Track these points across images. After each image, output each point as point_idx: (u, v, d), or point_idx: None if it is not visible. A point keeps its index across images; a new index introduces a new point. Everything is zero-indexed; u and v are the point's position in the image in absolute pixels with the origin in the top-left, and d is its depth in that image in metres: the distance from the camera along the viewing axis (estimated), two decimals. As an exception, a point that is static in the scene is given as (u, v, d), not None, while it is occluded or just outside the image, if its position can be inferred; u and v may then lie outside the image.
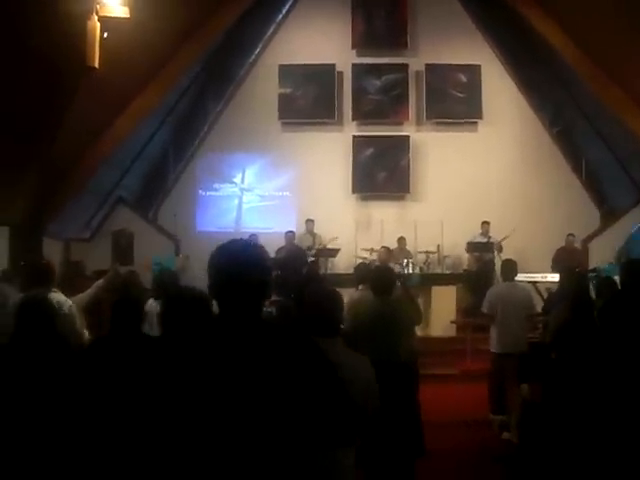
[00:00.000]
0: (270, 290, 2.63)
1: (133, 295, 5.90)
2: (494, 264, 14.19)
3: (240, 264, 2.54)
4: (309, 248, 14.57)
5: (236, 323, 2.49)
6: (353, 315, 6.74)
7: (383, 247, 13.49)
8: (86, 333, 6.09)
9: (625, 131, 14.25)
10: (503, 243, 14.34)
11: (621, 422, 4.03)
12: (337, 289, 4.03)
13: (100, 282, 7.27)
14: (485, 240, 14.69)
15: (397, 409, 6.25)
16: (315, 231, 15.34)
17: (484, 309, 9.03)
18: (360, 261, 12.67)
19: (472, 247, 14.78)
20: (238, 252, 2.60)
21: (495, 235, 14.64)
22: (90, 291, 7.04)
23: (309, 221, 15.43)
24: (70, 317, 5.92)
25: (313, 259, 14.23)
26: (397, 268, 13.13)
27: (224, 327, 2.51)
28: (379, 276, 7.00)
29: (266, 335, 2.50)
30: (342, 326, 7.56)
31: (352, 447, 3.55)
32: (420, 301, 12.36)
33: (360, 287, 7.97)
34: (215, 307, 2.66)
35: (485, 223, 14.83)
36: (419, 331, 8.35)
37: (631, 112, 13.89)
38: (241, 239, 2.69)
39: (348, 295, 10.28)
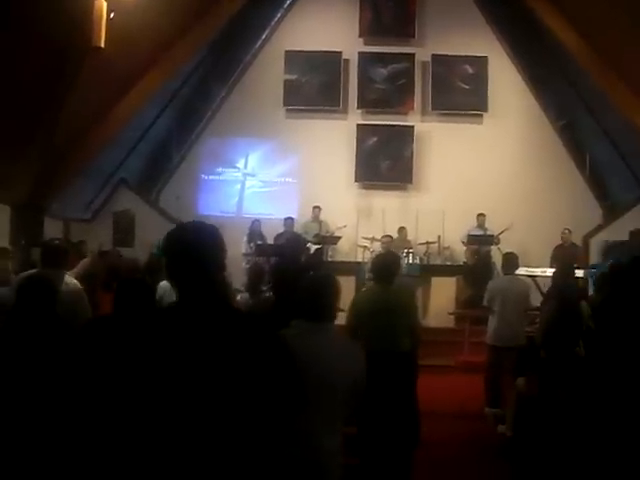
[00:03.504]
0: (223, 271, 2.67)
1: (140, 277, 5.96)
2: (491, 257, 14.19)
3: (191, 242, 2.58)
4: (316, 235, 14.42)
5: (190, 303, 2.51)
6: (353, 303, 6.69)
7: (386, 236, 13.68)
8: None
9: (630, 128, 14.19)
10: (503, 236, 14.30)
11: (616, 417, 4.04)
12: (337, 277, 4.03)
13: (86, 261, 7.36)
14: (481, 232, 14.65)
15: (397, 399, 6.26)
16: (321, 218, 15.26)
17: (485, 302, 9.02)
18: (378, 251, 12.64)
19: (472, 239, 14.73)
20: (191, 231, 2.64)
21: (494, 228, 14.59)
22: (75, 270, 7.08)
23: (316, 208, 15.25)
24: (80, 297, 5.98)
25: (319, 246, 14.14)
26: None
27: (178, 308, 2.53)
28: (382, 263, 6.93)
29: (221, 318, 2.51)
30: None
31: (337, 431, 3.55)
32: (420, 292, 12.43)
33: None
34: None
35: (481, 215, 14.76)
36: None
37: (636, 109, 13.83)
38: (196, 221, 2.74)
39: (347, 283, 10.21)
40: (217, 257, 2.61)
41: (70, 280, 5.99)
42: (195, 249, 2.56)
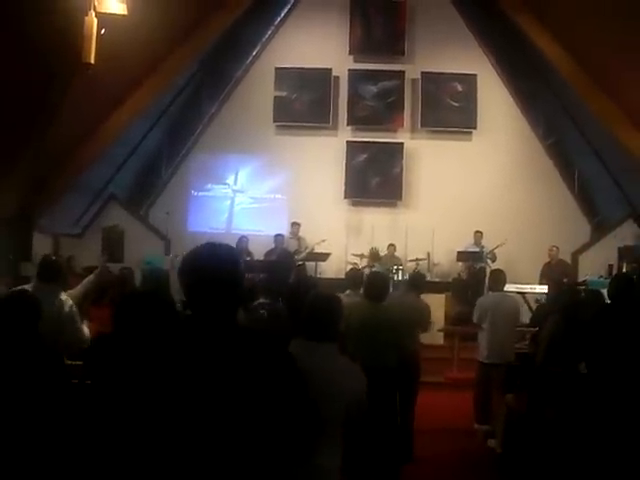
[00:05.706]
0: (243, 293, 2.64)
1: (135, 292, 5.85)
2: (485, 274, 14.19)
3: (213, 265, 2.55)
4: (295, 252, 14.46)
5: (207, 325, 2.47)
6: (345, 320, 6.66)
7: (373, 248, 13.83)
8: (87, 331, 6.02)
9: (618, 145, 14.29)
10: (495, 252, 14.34)
11: (607, 433, 4.04)
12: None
13: (90, 278, 7.22)
14: (477, 249, 14.67)
15: (385, 415, 6.24)
16: (305, 235, 15.14)
17: (475, 319, 9.03)
18: (351, 267, 12.64)
19: (463, 256, 14.76)
20: (212, 254, 2.61)
21: (486, 245, 14.63)
22: (80, 287, 6.98)
23: (295, 224, 15.18)
24: (72, 315, 5.86)
25: (300, 263, 14.16)
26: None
27: (194, 329, 2.49)
28: (373, 282, 6.95)
29: (237, 339, 2.48)
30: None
31: (336, 450, 3.54)
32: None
33: (347, 292, 7.92)
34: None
35: (478, 232, 14.78)
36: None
37: (624, 126, 13.94)
38: (215, 242, 2.69)
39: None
40: (237, 279, 2.58)
41: (65, 298, 5.88)
42: (217, 269, 2.53)
